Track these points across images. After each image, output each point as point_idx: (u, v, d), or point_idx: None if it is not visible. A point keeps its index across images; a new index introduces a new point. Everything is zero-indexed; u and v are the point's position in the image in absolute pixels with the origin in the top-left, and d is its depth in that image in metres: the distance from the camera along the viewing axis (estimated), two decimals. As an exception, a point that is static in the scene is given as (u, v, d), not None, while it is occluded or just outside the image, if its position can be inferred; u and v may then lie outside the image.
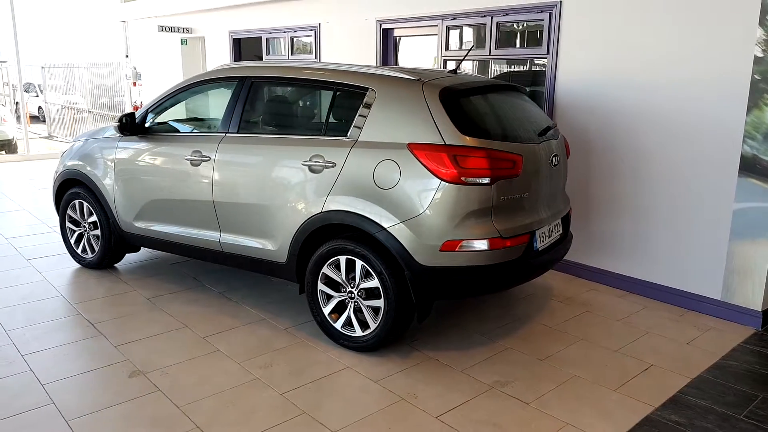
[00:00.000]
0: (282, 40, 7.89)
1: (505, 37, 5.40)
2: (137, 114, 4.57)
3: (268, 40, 8.12)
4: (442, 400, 3.18)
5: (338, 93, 3.79)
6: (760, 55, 3.89)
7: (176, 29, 9.63)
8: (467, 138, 3.32)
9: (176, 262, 5.34)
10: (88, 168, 4.84)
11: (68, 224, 5.16)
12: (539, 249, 3.68)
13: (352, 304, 3.66)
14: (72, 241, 5.17)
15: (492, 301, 4.50)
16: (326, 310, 3.76)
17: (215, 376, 3.39)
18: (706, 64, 4.13)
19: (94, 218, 4.93)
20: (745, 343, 3.92)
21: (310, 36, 7.35)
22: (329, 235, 3.73)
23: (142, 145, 4.54)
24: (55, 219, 6.65)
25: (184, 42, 10.00)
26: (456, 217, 3.30)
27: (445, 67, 5.86)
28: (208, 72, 4.41)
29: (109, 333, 3.91)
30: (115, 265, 5.20)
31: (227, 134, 4.10)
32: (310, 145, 3.74)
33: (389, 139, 3.48)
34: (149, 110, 4.59)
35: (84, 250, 5.12)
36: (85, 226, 5.05)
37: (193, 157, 4.19)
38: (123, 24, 11.52)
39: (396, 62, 6.55)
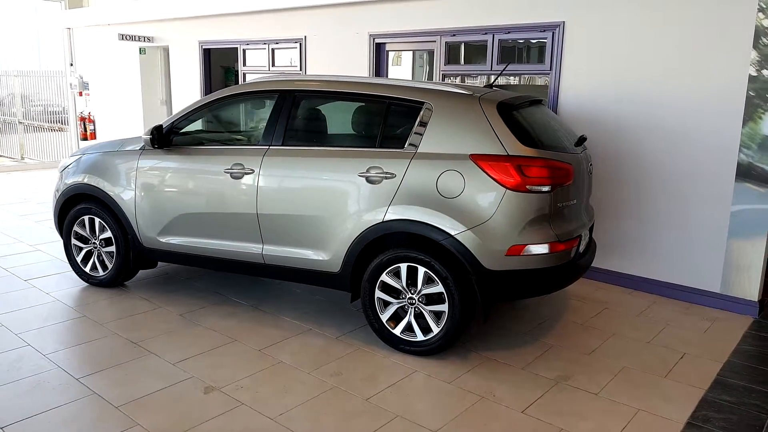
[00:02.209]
0: (262, 52, 7.86)
1: (507, 53, 5.72)
2: (163, 126, 4.48)
3: (245, 51, 8.06)
4: (518, 396, 3.38)
5: (392, 106, 3.91)
6: (754, 74, 4.40)
7: (138, 38, 9.32)
8: (527, 149, 3.56)
9: (189, 277, 5.23)
10: (103, 182, 4.67)
11: (74, 242, 4.94)
12: (581, 252, 3.97)
13: (412, 309, 3.79)
14: (79, 259, 4.95)
15: (517, 303, 4.76)
16: (384, 317, 3.87)
17: (293, 387, 3.42)
18: (706, 82, 4.59)
19: (107, 234, 4.76)
20: (750, 329, 4.39)
21: (295, 48, 7.38)
22: (385, 243, 3.85)
23: (169, 157, 4.46)
24: (34, 237, 6.34)
25: (142, 51, 9.69)
26: (520, 223, 3.52)
27: (443, 80, 6.11)
28: (244, 85, 4.41)
29: (158, 351, 3.82)
30: (125, 283, 5.03)
31: (271, 147, 4.13)
32: (366, 156, 3.84)
33: (449, 151, 3.65)
34: (175, 123, 4.51)
35: (93, 268, 4.92)
36: (95, 243, 4.86)
37: (233, 170, 4.17)
38: (68, 31, 10.96)
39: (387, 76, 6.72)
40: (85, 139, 11.12)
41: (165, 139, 4.44)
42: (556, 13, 5.25)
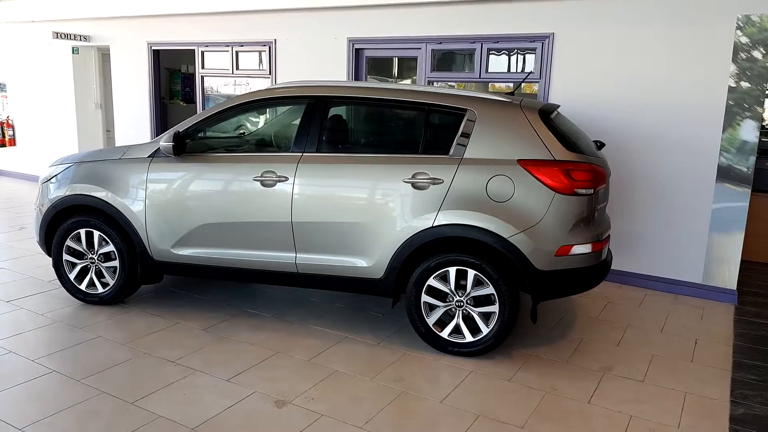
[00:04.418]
0: (224, 54, 7.59)
1: (496, 61, 5.95)
2: (180, 133, 4.25)
3: (203, 53, 7.75)
4: (578, 388, 3.56)
5: (435, 114, 3.98)
6: (733, 85, 4.89)
7: (73, 36, 8.67)
8: (571, 153, 3.76)
9: (190, 290, 4.98)
10: (105, 192, 4.35)
11: (67, 257, 4.55)
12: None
13: (460, 312, 3.88)
14: (72, 276, 4.58)
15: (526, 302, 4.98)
16: (430, 321, 3.92)
17: (362, 395, 3.39)
18: (690, 92, 5.04)
19: (109, 248, 4.44)
20: (738, 315, 4.87)
21: (264, 51, 7.21)
22: (428, 248, 3.90)
23: (186, 165, 4.24)
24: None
25: (75, 51, 9.03)
26: (568, 224, 3.71)
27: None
28: (274, 89, 4.29)
29: (203, 368, 3.64)
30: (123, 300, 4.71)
31: (305, 154, 4.05)
32: (410, 163, 3.88)
33: (495, 156, 3.78)
34: (190, 129, 4.30)
35: (90, 285, 4.57)
36: (92, 258, 4.52)
37: (264, 178, 4.05)
38: (-21, 27, 9.97)
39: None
40: (2, 145, 10.17)
41: (180, 146, 4.22)
42: (546, 26, 5.54)
